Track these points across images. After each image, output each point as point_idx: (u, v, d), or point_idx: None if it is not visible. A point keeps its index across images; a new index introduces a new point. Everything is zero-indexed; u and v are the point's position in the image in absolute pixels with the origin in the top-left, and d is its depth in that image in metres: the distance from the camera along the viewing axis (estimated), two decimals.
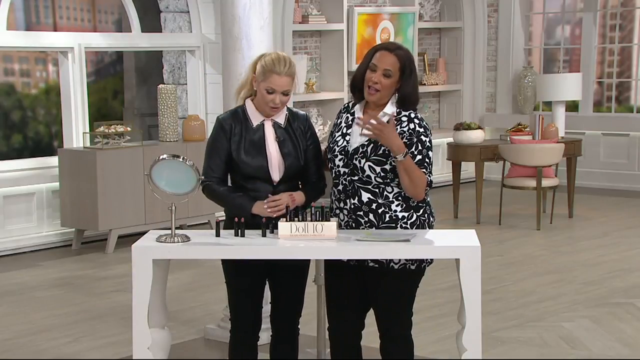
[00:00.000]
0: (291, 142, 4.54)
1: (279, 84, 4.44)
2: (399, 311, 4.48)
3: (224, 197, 4.51)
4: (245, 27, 5.79)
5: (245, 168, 4.49)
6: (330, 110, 11.24)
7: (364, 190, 4.42)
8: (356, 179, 4.42)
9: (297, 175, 4.59)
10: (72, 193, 8.81)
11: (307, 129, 4.60)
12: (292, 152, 4.53)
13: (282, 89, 4.45)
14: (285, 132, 4.55)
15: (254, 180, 4.50)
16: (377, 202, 4.41)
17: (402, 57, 4.41)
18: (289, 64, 4.47)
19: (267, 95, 4.47)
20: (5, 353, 5.97)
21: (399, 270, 4.40)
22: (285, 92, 4.47)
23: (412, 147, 4.38)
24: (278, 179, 4.52)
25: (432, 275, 4.60)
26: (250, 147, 4.50)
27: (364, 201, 4.42)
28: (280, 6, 10.52)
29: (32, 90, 11.23)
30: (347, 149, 4.44)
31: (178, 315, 6.61)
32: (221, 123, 4.54)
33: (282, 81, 4.45)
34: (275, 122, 4.55)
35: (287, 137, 4.54)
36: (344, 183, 4.45)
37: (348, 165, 4.43)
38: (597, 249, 8.73)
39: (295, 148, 4.54)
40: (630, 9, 12.37)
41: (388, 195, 4.42)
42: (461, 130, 10.10)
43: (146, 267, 4.26)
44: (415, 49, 11.97)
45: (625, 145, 12.02)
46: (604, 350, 5.88)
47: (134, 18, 9.86)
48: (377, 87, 4.39)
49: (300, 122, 4.60)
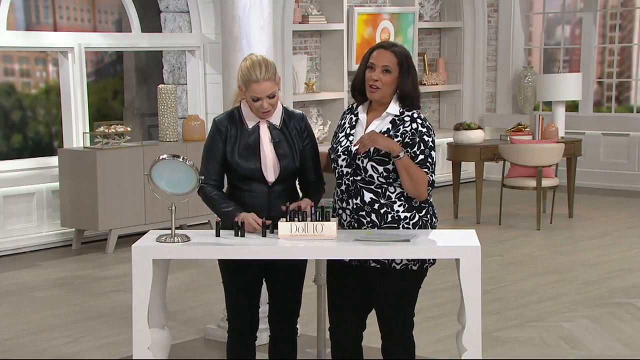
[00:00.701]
0: (287, 143, 4.53)
1: (260, 91, 4.42)
2: (401, 311, 4.48)
3: (213, 202, 4.51)
4: (245, 27, 5.79)
5: (240, 170, 4.50)
6: (330, 110, 11.24)
7: (366, 191, 4.42)
8: (359, 179, 4.42)
9: (293, 176, 4.59)
10: (72, 193, 8.81)
11: (303, 129, 4.59)
12: (287, 153, 4.52)
13: (266, 94, 4.43)
14: (281, 132, 4.54)
15: (250, 181, 4.51)
16: (379, 202, 4.41)
17: (399, 53, 4.43)
18: (265, 68, 4.42)
19: (254, 103, 4.46)
20: (5, 353, 5.97)
21: (400, 271, 4.40)
22: (270, 95, 4.45)
23: (414, 146, 4.38)
24: (273, 180, 4.51)
25: (432, 275, 4.59)
26: (244, 149, 4.49)
27: (366, 201, 4.42)
28: (280, 6, 10.52)
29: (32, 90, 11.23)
30: (350, 149, 4.44)
31: (178, 315, 6.61)
32: (217, 125, 4.55)
33: (263, 87, 4.42)
34: (270, 124, 4.54)
35: (282, 138, 4.53)
36: (346, 183, 4.46)
37: (351, 165, 4.43)
38: (597, 249, 8.73)
39: (291, 149, 4.53)
40: (630, 9, 12.37)
41: (390, 195, 4.42)
42: (461, 130, 10.11)
43: (146, 267, 4.26)
44: (415, 49, 11.97)
45: (625, 145, 12.02)
46: (604, 350, 5.88)
47: (134, 18, 9.86)
48: (378, 85, 4.40)
49: (297, 121, 4.59)
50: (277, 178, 4.51)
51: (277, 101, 4.50)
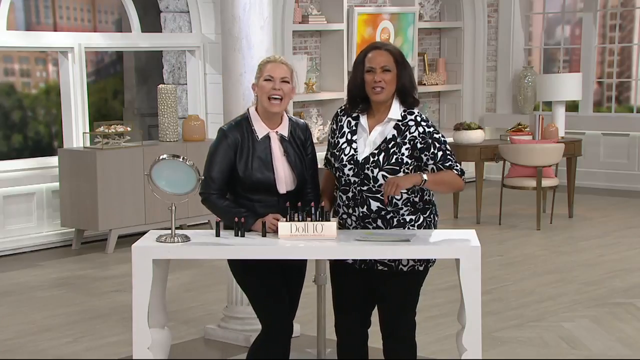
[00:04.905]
0: (296, 155, 4.53)
1: (276, 71, 4.44)
2: (406, 312, 4.50)
3: (225, 212, 4.45)
4: (245, 27, 5.79)
5: (253, 184, 4.46)
6: (330, 110, 11.23)
7: (372, 200, 4.42)
8: (365, 189, 4.42)
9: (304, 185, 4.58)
10: (72, 193, 8.80)
11: (306, 139, 4.59)
12: (298, 164, 4.52)
13: (281, 75, 4.45)
14: (289, 144, 4.54)
15: (260, 191, 4.48)
16: (386, 209, 4.42)
17: (393, 51, 4.46)
18: (284, 60, 4.51)
19: (266, 84, 4.45)
20: (5, 353, 5.97)
21: (408, 272, 4.41)
22: (284, 79, 4.45)
23: (429, 148, 4.40)
24: (285, 191, 4.49)
25: (432, 275, 4.60)
26: (258, 163, 4.46)
27: (373, 209, 4.42)
28: (280, 6, 10.52)
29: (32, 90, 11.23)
30: (357, 158, 4.43)
31: (178, 315, 6.61)
32: (226, 134, 4.49)
33: (279, 68, 4.45)
34: (281, 136, 4.52)
35: (291, 150, 4.53)
36: (353, 192, 4.45)
37: (359, 175, 4.42)
38: (597, 249, 8.73)
39: (300, 160, 4.53)
40: (630, 9, 12.37)
41: (397, 202, 4.43)
42: (461, 130, 10.10)
43: (146, 267, 4.26)
44: (415, 49, 11.97)
45: (625, 145, 12.02)
46: (604, 350, 5.87)
47: (134, 18, 9.86)
48: (382, 85, 4.40)
49: (301, 131, 4.58)
50: (292, 190, 4.49)
51: (290, 91, 4.47)
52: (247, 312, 5.83)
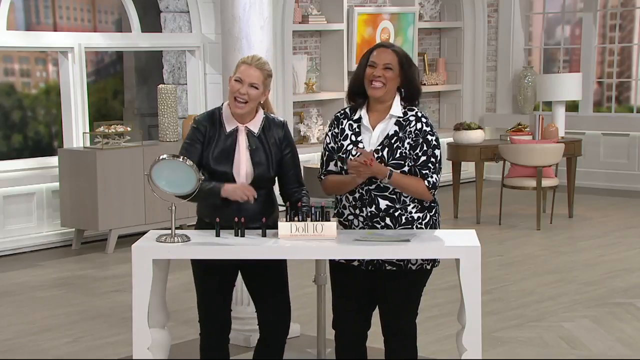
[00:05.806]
0: (263, 152, 4.51)
1: (246, 74, 4.42)
2: (410, 311, 4.50)
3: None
4: (245, 27, 5.79)
5: (210, 174, 4.48)
6: (330, 111, 11.23)
7: (381, 198, 4.41)
8: (373, 187, 4.41)
9: (269, 183, 4.55)
10: (72, 193, 8.80)
11: (282, 138, 4.55)
12: (263, 161, 4.50)
13: (250, 80, 4.42)
14: (259, 140, 4.52)
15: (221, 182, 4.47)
16: (394, 207, 4.41)
17: (399, 52, 4.46)
18: (260, 60, 4.46)
19: (235, 84, 4.44)
20: (5, 353, 5.97)
21: (416, 271, 4.41)
22: (253, 84, 4.43)
23: (416, 148, 4.40)
24: None
25: (432, 275, 4.60)
26: (219, 154, 4.48)
27: (381, 208, 4.42)
28: (280, 6, 10.52)
29: (32, 90, 11.23)
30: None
31: (178, 315, 6.60)
32: (196, 123, 4.55)
33: (250, 71, 4.42)
34: (249, 131, 4.51)
35: (259, 146, 4.51)
36: (360, 192, 4.44)
37: None
38: (597, 249, 8.73)
39: (267, 158, 4.51)
40: (630, 9, 12.37)
41: (405, 199, 4.43)
42: (461, 130, 10.10)
43: (146, 267, 4.26)
44: (415, 49, 11.97)
45: (625, 145, 12.02)
46: (604, 350, 5.87)
47: (134, 18, 9.86)
48: (382, 80, 4.39)
49: (276, 129, 4.55)
50: (250, 184, 4.48)
51: (256, 96, 4.44)
52: (247, 312, 5.83)
